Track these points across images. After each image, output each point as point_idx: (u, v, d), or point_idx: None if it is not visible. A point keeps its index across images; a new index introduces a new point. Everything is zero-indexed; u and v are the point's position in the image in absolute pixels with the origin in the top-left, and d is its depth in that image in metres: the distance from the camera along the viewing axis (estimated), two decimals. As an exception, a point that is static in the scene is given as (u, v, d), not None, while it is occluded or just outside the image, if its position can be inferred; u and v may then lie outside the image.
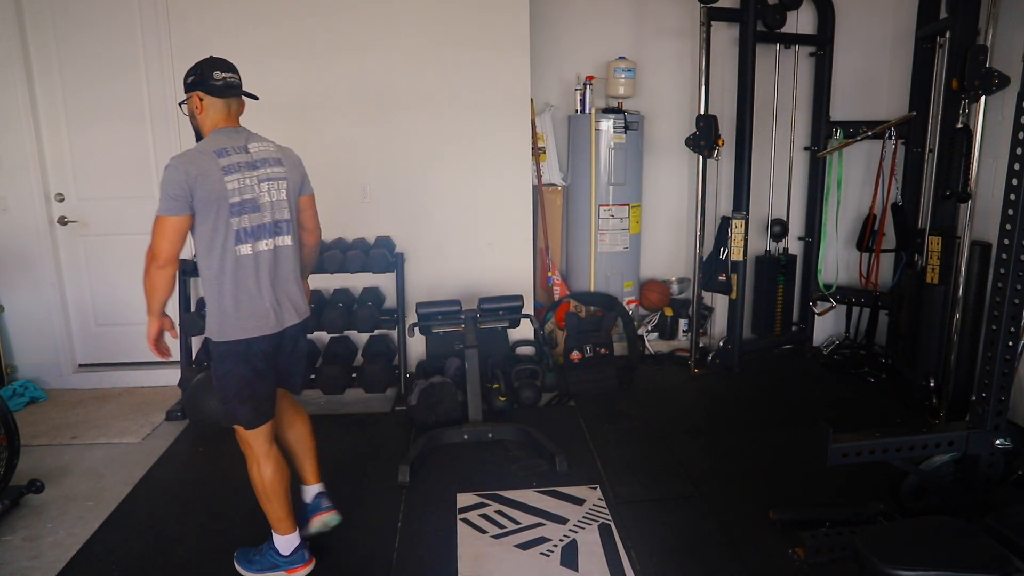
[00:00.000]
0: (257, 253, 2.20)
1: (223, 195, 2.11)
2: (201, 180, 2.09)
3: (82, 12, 3.83)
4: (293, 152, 2.42)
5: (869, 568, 1.85)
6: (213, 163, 2.12)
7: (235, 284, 2.17)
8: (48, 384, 4.10)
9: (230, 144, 2.19)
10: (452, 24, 3.92)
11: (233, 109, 2.27)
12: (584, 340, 4.14)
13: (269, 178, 2.24)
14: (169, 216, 2.09)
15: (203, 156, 2.14)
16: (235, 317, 2.18)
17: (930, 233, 3.58)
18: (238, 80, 2.26)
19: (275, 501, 2.32)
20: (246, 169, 2.18)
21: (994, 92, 3.12)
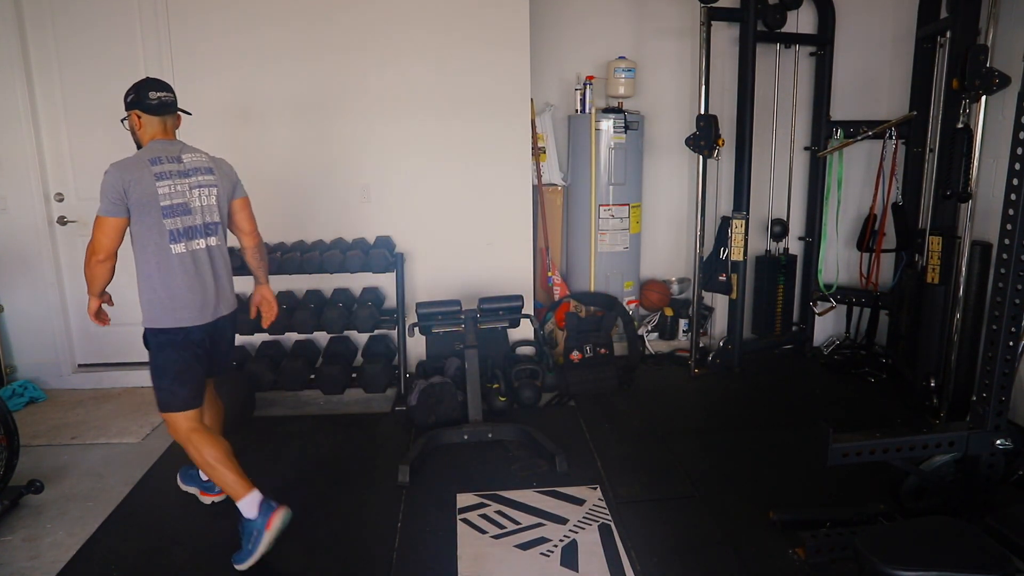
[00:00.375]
0: (192, 251, 2.48)
1: (155, 198, 2.38)
2: (134, 185, 2.35)
3: (82, 13, 3.83)
4: (226, 162, 2.68)
5: (869, 568, 1.85)
6: (147, 170, 2.39)
7: (171, 278, 2.44)
8: (47, 384, 4.10)
9: (164, 154, 2.46)
10: (452, 23, 3.92)
11: (168, 124, 2.55)
12: (584, 340, 4.14)
13: (200, 185, 2.51)
14: (108, 217, 2.37)
15: (138, 164, 2.40)
16: (171, 308, 2.45)
17: (930, 233, 3.58)
18: (172, 98, 2.53)
19: (221, 471, 2.47)
20: (178, 176, 2.45)
21: (994, 92, 3.11)
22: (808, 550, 2.41)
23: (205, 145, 3.94)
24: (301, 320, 3.80)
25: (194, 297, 2.46)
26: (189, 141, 3.99)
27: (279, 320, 3.80)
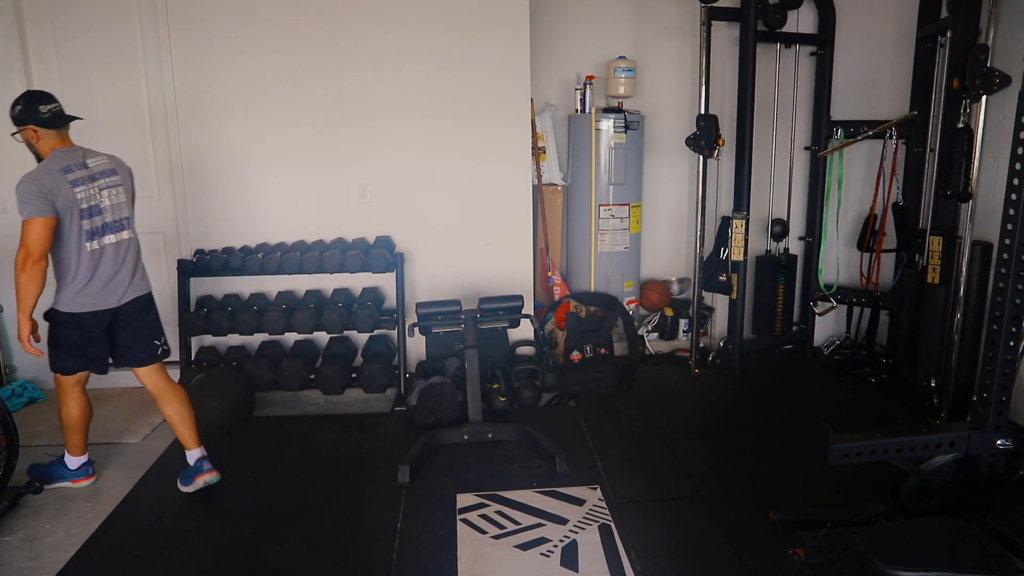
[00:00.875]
0: (103, 247, 2.71)
1: (75, 204, 2.60)
2: (56, 193, 2.55)
3: (81, 13, 3.83)
4: (123, 161, 2.88)
5: (870, 569, 1.85)
6: (63, 179, 2.59)
7: (82, 272, 2.66)
8: (47, 384, 4.09)
9: (71, 162, 2.65)
10: (452, 23, 3.92)
11: (64, 133, 2.73)
12: (584, 340, 4.13)
13: (108, 186, 2.74)
14: (39, 217, 2.53)
15: (52, 174, 2.58)
16: (78, 296, 2.68)
17: (931, 233, 3.58)
18: (61, 108, 2.70)
19: (75, 433, 2.93)
20: (88, 181, 2.66)
21: (995, 92, 3.11)
22: (808, 550, 2.40)
23: (204, 145, 3.98)
24: (301, 320, 3.80)
25: (98, 288, 2.71)
26: (190, 141, 4.02)
27: (279, 320, 3.82)
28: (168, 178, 4.01)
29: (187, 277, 3.92)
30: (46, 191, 2.53)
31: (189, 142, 3.96)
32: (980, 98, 3.19)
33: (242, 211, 4.04)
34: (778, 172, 4.50)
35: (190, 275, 3.92)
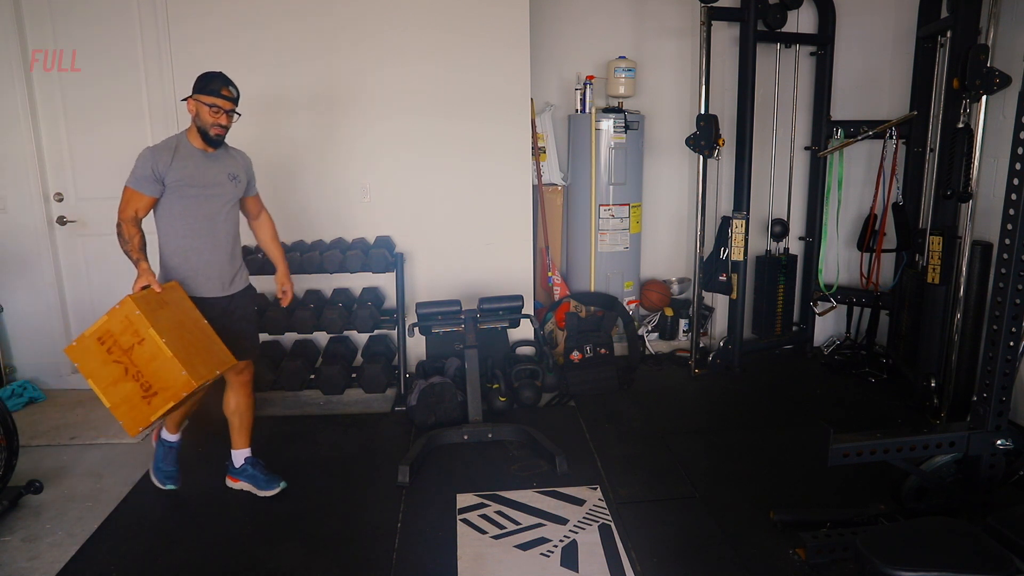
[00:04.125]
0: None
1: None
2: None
3: (81, 12, 3.82)
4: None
5: (870, 569, 1.85)
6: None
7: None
8: (47, 384, 4.10)
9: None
10: (452, 23, 3.92)
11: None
12: (584, 340, 4.13)
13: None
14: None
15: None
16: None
17: (931, 233, 3.58)
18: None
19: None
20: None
21: (995, 92, 3.11)
22: (808, 550, 2.40)
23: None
24: (301, 320, 3.80)
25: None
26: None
27: (279, 320, 3.82)
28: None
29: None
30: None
31: (189, 142, 3.95)
32: (980, 98, 3.20)
33: (242, 211, 4.04)
34: (778, 172, 4.50)
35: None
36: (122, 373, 2.40)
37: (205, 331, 2.62)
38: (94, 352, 2.40)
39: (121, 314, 2.39)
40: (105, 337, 2.39)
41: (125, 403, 2.41)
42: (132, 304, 2.39)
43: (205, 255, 2.71)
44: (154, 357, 2.38)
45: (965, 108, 3.34)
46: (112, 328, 2.39)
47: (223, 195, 2.73)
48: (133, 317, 2.38)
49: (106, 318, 2.40)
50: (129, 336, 2.38)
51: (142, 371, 2.39)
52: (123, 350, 2.39)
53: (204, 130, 2.64)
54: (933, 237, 3.54)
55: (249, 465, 2.95)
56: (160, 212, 2.67)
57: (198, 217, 2.68)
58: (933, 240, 3.54)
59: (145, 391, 2.40)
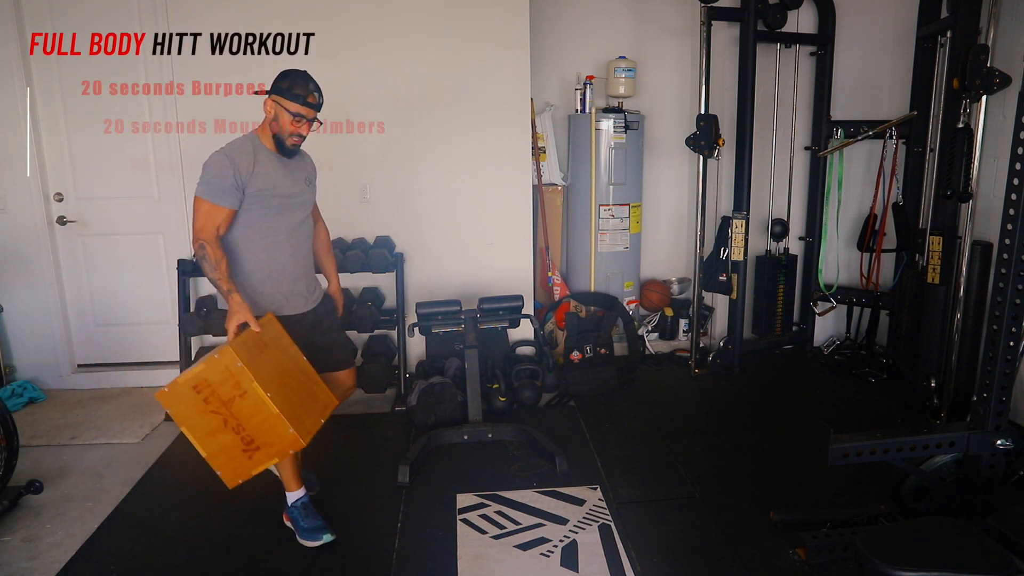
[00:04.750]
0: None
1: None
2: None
3: (81, 11, 3.82)
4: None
5: (870, 569, 1.85)
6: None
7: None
8: (47, 384, 4.10)
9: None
10: (452, 23, 3.92)
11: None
12: (584, 340, 4.13)
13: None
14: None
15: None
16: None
17: (931, 233, 3.57)
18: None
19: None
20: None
21: (995, 92, 3.11)
22: (808, 551, 2.40)
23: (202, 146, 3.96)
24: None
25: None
26: (190, 140, 4.02)
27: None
28: (168, 178, 4.01)
29: (187, 277, 3.91)
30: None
31: (189, 141, 3.96)
32: (980, 98, 3.19)
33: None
34: (778, 172, 4.49)
35: (190, 275, 3.92)
36: (220, 424, 2.16)
37: (305, 371, 2.40)
38: (189, 400, 2.15)
39: (221, 364, 2.13)
40: (201, 386, 2.14)
41: (224, 454, 2.20)
42: (234, 355, 2.12)
43: (290, 269, 2.46)
44: (258, 412, 2.15)
45: (965, 108, 3.34)
46: (210, 378, 2.14)
47: (304, 202, 2.51)
48: (235, 369, 2.13)
49: (203, 366, 2.13)
50: (229, 388, 2.13)
51: (243, 425, 2.16)
52: (222, 401, 2.14)
53: (280, 138, 2.39)
54: (933, 237, 3.54)
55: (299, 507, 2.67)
56: (237, 225, 2.36)
57: (281, 228, 2.41)
58: (933, 240, 3.54)
59: (247, 445, 2.18)
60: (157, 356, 4.21)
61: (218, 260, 2.27)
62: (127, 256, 4.10)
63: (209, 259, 2.26)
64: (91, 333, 4.21)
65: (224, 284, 2.28)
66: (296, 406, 2.25)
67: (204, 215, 2.28)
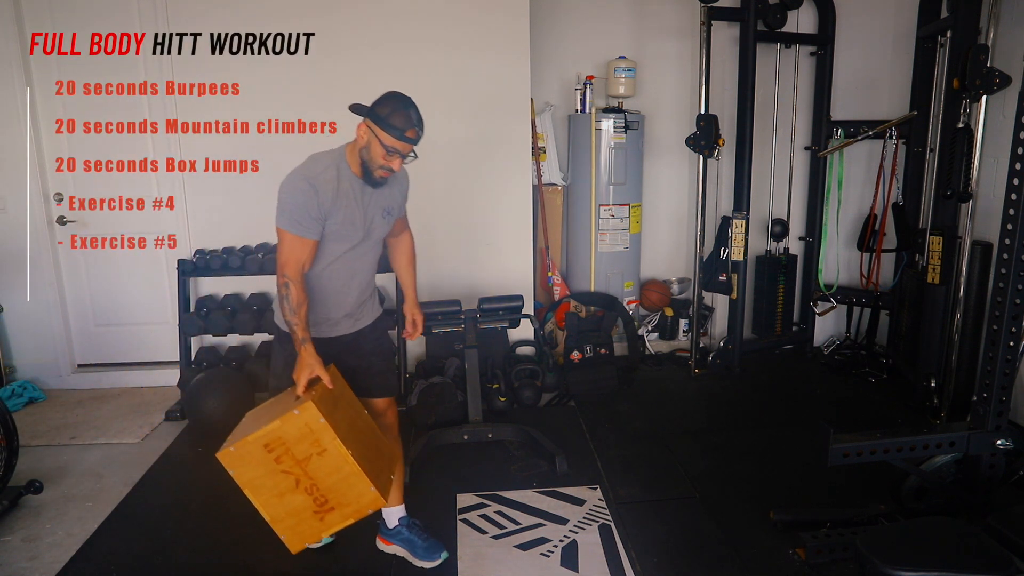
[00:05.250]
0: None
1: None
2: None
3: (81, 11, 3.82)
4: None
5: (870, 569, 1.85)
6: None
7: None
8: (47, 384, 4.10)
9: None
10: (452, 23, 3.92)
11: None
12: (584, 340, 4.13)
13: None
14: None
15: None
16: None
17: (931, 233, 3.57)
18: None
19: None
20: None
21: (995, 92, 3.11)
22: (808, 551, 2.40)
23: (205, 144, 3.98)
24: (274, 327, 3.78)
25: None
26: (191, 140, 4.01)
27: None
28: (168, 178, 4.01)
29: (187, 277, 3.91)
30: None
31: (190, 141, 3.96)
32: (980, 98, 3.19)
33: (242, 211, 4.04)
34: (778, 172, 4.49)
35: (190, 275, 3.92)
36: (292, 485, 2.00)
37: (369, 423, 2.28)
38: (257, 460, 1.98)
39: (300, 421, 1.96)
40: (274, 444, 1.97)
41: (291, 517, 2.04)
42: (316, 412, 1.96)
43: (340, 297, 2.28)
44: (337, 470, 2.00)
45: (965, 108, 3.34)
46: (286, 436, 1.97)
47: (374, 235, 2.30)
48: (316, 426, 1.96)
49: (279, 423, 1.96)
50: (307, 446, 1.97)
51: (318, 484, 2.01)
52: (296, 460, 1.98)
53: (368, 168, 2.17)
54: (933, 237, 3.54)
55: (404, 527, 2.50)
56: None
57: (342, 259, 2.23)
58: (933, 240, 3.54)
59: (319, 506, 2.03)
60: (157, 356, 4.21)
61: (299, 303, 2.08)
62: (127, 256, 4.09)
63: (291, 300, 2.07)
64: (91, 333, 4.21)
65: (301, 332, 2.07)
66: (372, 462, 2.11)
67: (288, 248, 2.09)
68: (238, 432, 2.07)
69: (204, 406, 3.42)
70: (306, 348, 2.07)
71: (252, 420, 2.13)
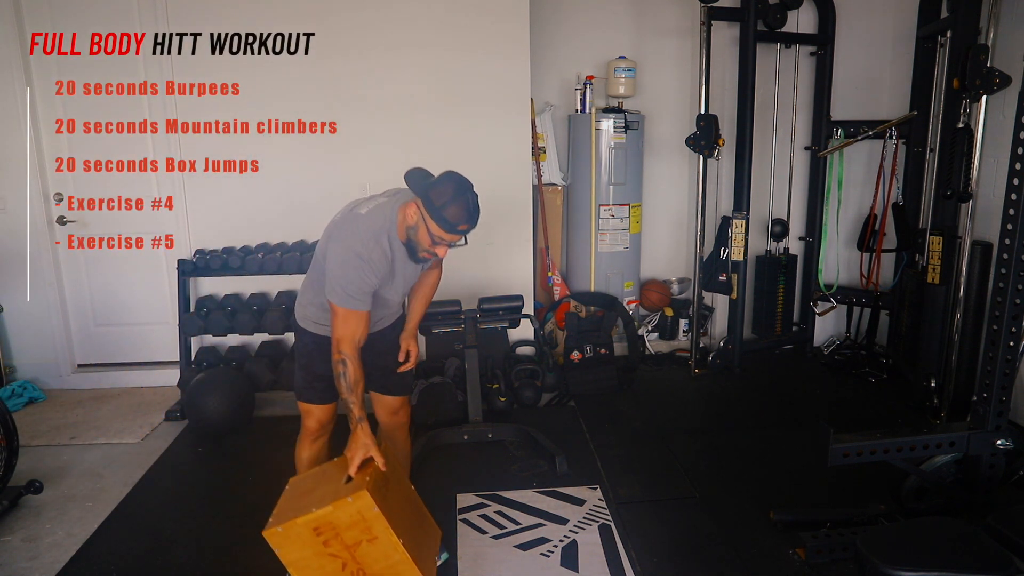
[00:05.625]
0: None
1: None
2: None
3: (81, 11, 3.82)
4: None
5: (870, 569, 1.85)
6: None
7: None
8: (47, 384, 4.09)
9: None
10: (452, 23, 3.92)
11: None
12: (584, 340, 4.13)
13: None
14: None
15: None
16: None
17: (931, 233, 3.58)
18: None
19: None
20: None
21: (995, 92, 3.11)
22: (808, 551, 2.40)
23: (201, 147, 3.98)
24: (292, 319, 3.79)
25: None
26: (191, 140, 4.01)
27: (279, 320, 3.82)
28: (169, 178, 4.01)
29: (187, 277, 3.91)
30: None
31: (189, 142, 3.96)
32: (980, 98, 3.19)
33: (242, 211, 4.04)
34: (778, 172, 4.49)
35: (190, 275, 3.92)
36: (338, 569, 1.99)
37: (414, 501, 2.25)
38: (305, 542, 1.96)
39: (352, 509, 1.93)
40: (324, 528, 1.95)
41: None
42: (371, 501, 1.93)
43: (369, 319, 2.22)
44: (386, 557, 1.97)
45: (965, 108, 3.34)
46: (337, 521, 1.94)
47: (411, 281, 2.31)
48: (369, 515, 1.94)
49: (331, 508, 1.93)
50: (357, 533, 1.95)
51: (365, 569, 1.98)
52: (345, 545, 1.96)
53: (412, 248, 2.14)
54: (933, 237, 3.54)
55: None
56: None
57: (376, 301, 2.21)
58: (933, 240, 3.54)
59: None
60: (157, 356, 4.21)
61: (356, 380, 2.05)
62: (127, 256, 4.09)
63: (348, 377, 2.04)
64: (91, 333, 4.21)
65: (357, 410, 2.06)
66: (420, 546, 2.11)
67: (342, 324, 2.05)
68: (284, 507, 2.04)
69: (204, 406, 3.41)
70: (362, 427, 2.06)
71: (298, 495, 2.09)
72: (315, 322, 2.29)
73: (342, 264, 2.04)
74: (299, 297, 2.36)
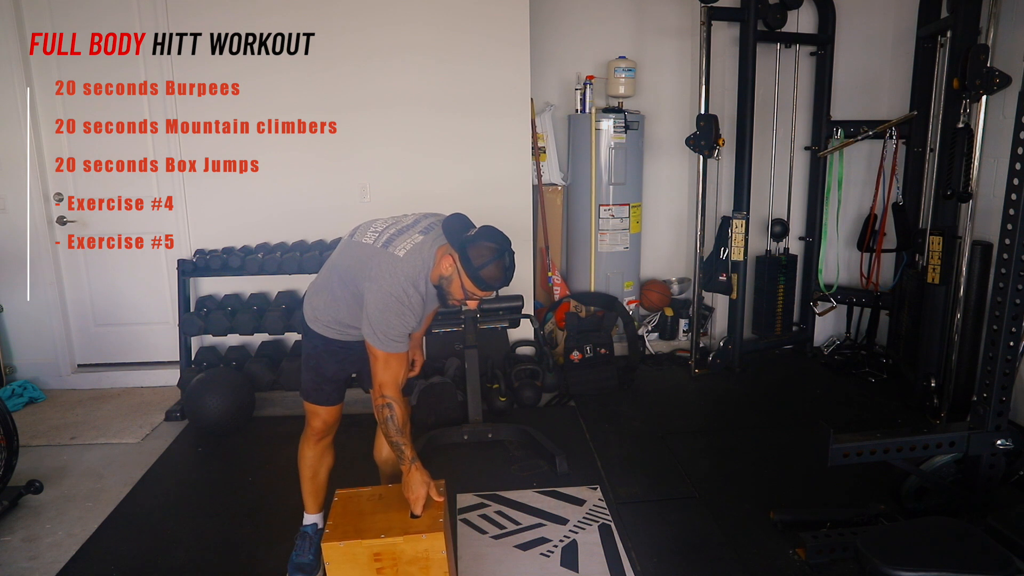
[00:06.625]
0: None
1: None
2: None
3: (81, 11, 3.82)
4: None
5: (870, 569, 1.85)
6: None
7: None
8: (47, 384, 4.10)
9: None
10: (453, 23, 3.92)
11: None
12: (584, 340, 4.13)
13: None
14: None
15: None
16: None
17: (931, 233, 3.57)
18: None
19: (303, 481, 2.46)
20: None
21: (995, 92, 3.11)
22: (808, 550, 2.40)
23: (199, 147, 3.97)
24: (301, 320, 3.79)
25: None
26: (190, 140, 4.01)
27: (279, 320, 3.82)
28: (169, 178, 4.01)
29: (187, 277, 3.91)
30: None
31: (189, 141, 3.96)
32: (980, 98, 3.19)
33: (242, 211, 4.04)
34: (778, 172, 4.49)
35: (190, 275, 3.92)
36: None
37: (450, 536, 2.25)
38: (360, 562, 1.96)
39: (423, 546, 1.96)
40: (384, 555, 1.96)
41: None
42: (443, 544, 1.97)
43: None
44: None
45: (965, 108, 3.34)
46: (401, 553, 1.96)
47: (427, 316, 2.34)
48: (435, 557, 1.97)
49: (401, 540, 1.95)
50: (415, 569, 1.98)
51: None
52: (397, 574, 2.00)
53: (443, 295, 2.15)
54: (933, 237, 3.54)
55: None
56: (349, 296, 2.19)
57: None
58: (933, 240, 3.54)
59: None
60: (157, 356, 4.21)
61: (404, 422, 2.06)
62: (127, 256, 4.09)
63: (396, 420, 2.05)
64: (91, 333, 4.21)
65: (408, 451, 2.05)
66: None
67: (383, 367, 2.06)
68: (340, 521, 2.02)
69: (204, 406, 3.42)
70: (416, 467, 2.05)
71: (356, 514, 2.07)
72: (326, 325, 2.28)
73: (383, 310, 2.03)
74: (310, 299, 2.34)
